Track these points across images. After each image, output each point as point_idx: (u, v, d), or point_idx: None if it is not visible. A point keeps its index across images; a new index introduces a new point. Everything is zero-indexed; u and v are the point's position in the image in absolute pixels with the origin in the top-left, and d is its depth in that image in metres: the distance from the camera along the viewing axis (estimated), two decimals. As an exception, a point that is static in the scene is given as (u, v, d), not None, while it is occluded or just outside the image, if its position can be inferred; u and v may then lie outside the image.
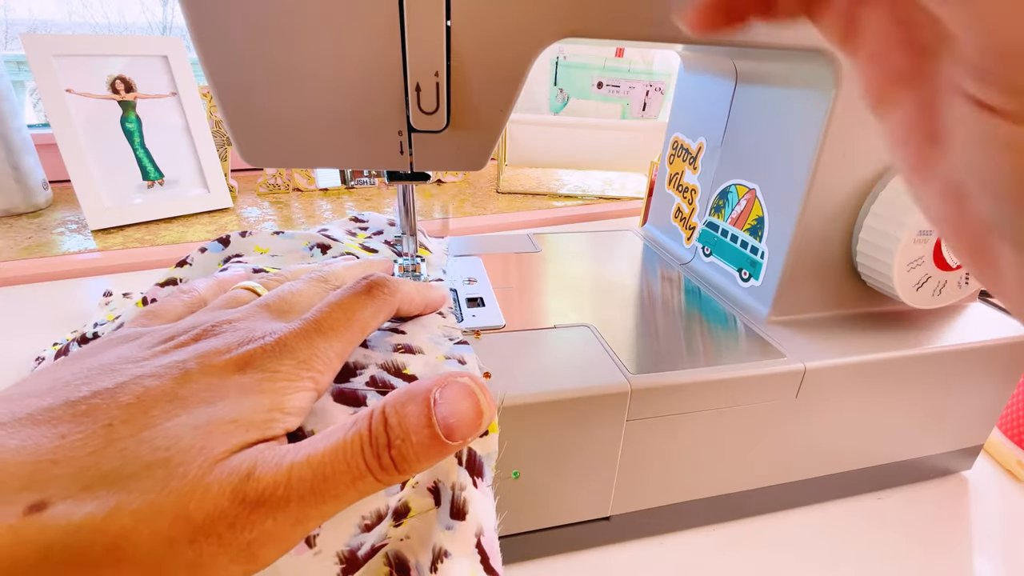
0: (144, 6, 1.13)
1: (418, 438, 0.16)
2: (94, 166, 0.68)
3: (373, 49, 0.22)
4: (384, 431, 0.16)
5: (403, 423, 0.16)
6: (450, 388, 0.17)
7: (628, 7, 0.23)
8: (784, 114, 0.31)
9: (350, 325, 0.21)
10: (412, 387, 0.17)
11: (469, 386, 0.17)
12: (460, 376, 0.17)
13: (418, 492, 0.20)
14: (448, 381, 0.17)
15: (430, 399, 0.16)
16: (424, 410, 0.16)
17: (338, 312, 0.21)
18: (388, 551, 0.19)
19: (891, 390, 0.31)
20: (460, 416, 0.16)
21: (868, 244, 0.30)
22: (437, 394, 0.16)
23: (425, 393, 0.16)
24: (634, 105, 0.99)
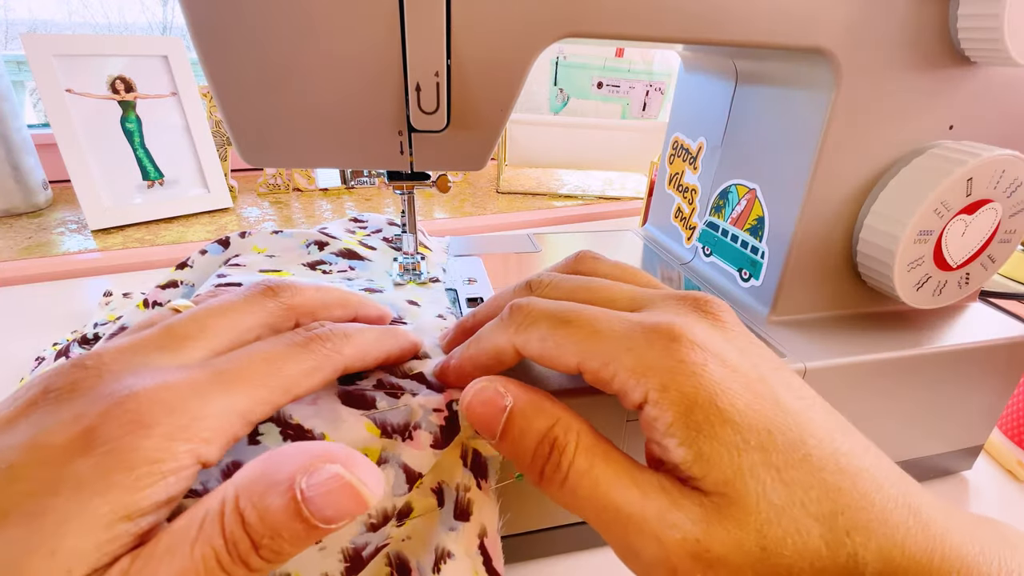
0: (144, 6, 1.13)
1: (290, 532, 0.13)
2: (94, 166, 0.68)
3: (373, 49, 0.22)
4: (244, 533, 0.13)
5: (267, 519, 0.13)
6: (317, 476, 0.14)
7: (628, 7, 0.23)
8: (784, 114, 0.31)
9: (268, 381, 0.17)
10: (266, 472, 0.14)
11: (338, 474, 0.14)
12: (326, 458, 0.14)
13: (422, 493, 0.20)
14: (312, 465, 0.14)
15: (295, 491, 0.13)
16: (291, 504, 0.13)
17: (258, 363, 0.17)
18: (390, 551, 0.19)
19: (891, 390, 0.31)
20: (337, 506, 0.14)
21: (868, 244, 0.30)
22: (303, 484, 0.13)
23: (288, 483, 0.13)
24: (634, 105, 0.99)
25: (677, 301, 0.18)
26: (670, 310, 0.18)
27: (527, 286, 0.21)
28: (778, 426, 0.15)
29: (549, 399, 0.18)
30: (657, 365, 0.16)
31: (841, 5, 0.25)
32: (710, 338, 0.17)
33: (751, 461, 0.15)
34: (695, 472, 0.15)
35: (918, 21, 0.27)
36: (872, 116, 0.29)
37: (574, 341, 0.17)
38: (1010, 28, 0.25)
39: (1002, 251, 0.31)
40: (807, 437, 0.15)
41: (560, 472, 0.16)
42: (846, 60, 0.27)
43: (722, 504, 0.15)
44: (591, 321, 0.17)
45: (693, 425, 0.15)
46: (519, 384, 0.18)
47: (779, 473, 0.15)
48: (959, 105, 0.30)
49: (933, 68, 0.28)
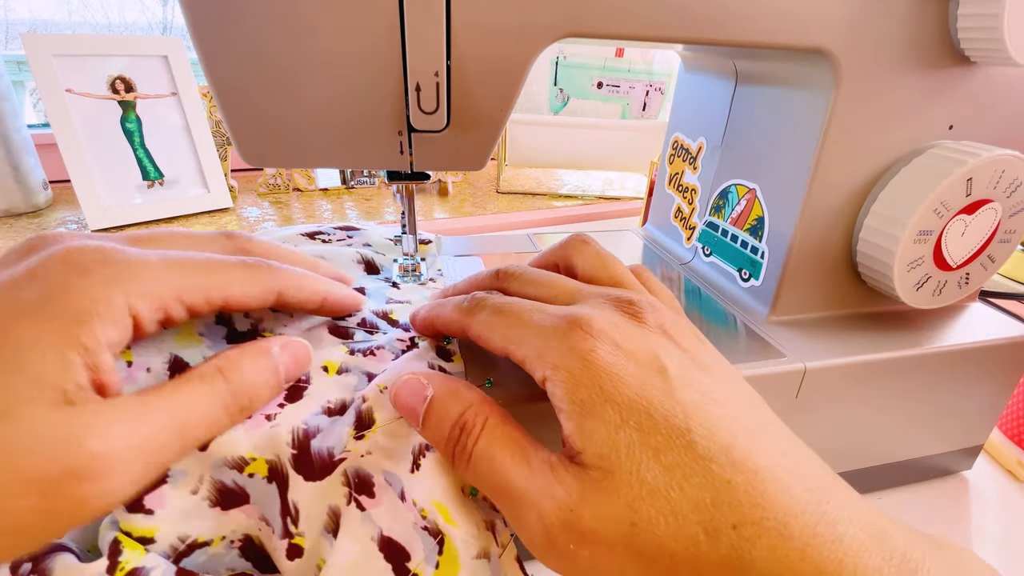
0: (144, 6, 1.13)
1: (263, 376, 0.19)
2: (94, 166, 0.68)
3: (373, 49, 0.22)
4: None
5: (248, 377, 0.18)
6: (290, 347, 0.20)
7: (628, 7, 0.23)
8: (784, 114, 0.31)
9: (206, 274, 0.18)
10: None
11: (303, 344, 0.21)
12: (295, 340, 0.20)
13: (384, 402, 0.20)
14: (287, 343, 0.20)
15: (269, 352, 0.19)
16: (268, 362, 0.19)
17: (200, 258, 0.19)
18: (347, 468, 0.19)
19: (891, 390, 0.31)
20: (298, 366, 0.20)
21: (868, 244, 0.30)
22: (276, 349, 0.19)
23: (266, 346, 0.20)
24: (634, 105, 0.99)
25: (604, 299, 0.20)
26: (590, 304, 0.20)
27: (496, 274, 0.24)
28: (662, 412, 0.16)
29: (467, 387, 0.20)
30: (554, 348, 0.18)
31: (841, 5, 0.25)
32: (610, 328, 0.18)
33: (628, 439, 0.16)
34: (576, 444, 0.16)
35: (918, 21, 0.27)
36: (872, 116, 0.29)
37: (502, 327, 0.20)
38: (1010, 28, 0.25)
39: (1002, 251, 0.31)
40: (695, 426, 0.16)
41: (465, 452, 0.18)
42: (846, 60, 0.27)
43: (597, 477, 0.16)
44: (518, 313, 0.20)
45: (577, 401, 0.17)
46: (441, 376, 0.20)
47: (657, 455, 0.15)
48: (959, 105, 0.30)
49: (933, 68, 0.28)
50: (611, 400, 0.16)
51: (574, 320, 0.18)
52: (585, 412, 0.16)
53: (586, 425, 0.16)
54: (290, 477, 0.18)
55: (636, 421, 0.16)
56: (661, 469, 0.15)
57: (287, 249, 0.24)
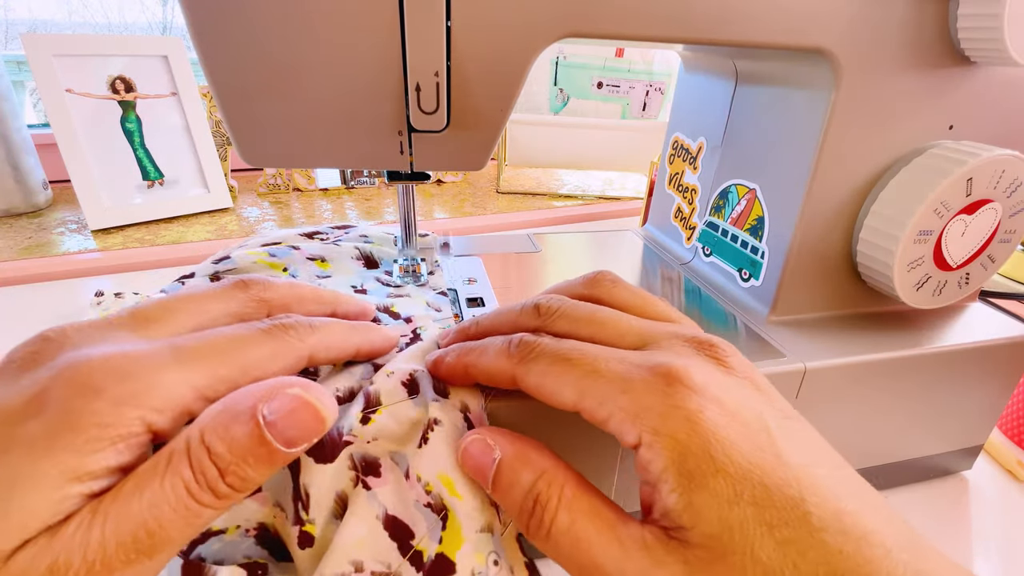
0: (144, 6, 1.13)
1: (256, 457, 0.14)
2: (94, 166, 0.68)
3: (373, 49, 0.22)
4: (212, 463, 0.14)
5: (232, 447, 0.14)
6: (279, 401, 0.15)
7: (628, 7, 0.23)
8: (784, 114, 0.31)
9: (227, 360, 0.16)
10: (228, 407, 0.15)
11: (298, 395, 0.15)
12: (286, 387, 0.15)
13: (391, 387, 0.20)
14: (272, 393, 0.15)
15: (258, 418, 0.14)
16: (254, 429, 0.14)
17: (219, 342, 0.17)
18: (353, 453, 0.19)
19: (891, 390, 0.31)
20: (299, 426, 0.15)
21: (868, 244, 0.30)
22: (265, 411, 0.14)
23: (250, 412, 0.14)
24: (634, 105, 0.99)
25: (684, 342, 0.18)
26: (673, 351, 0.18)
27: (535, 309, 0.21)
28: (776, 481, 0.15)
29: (536, 449, 0.18)
30: (652, 408, 0.16)
31: (841, 5, 0.25)
32: (710, 382, 0.16)
33: (743, 516, 0.14)
34: (684, 522, 0.15)
35: (918, 21, 0.27)
36: (872, 116, 0.29)
37: (572, 379, 0.17)
38: (1010, 28, 0.25)
39: (1002, 251, 0.31)
40: (808, 495, 0.14)
41: (543, 527, 0.16)
42: (846, 60, 0.27)
43: (707, 559, 0.14)
44: (591, 360, 0.17)
45: (685, 472, 0.15)
46: (508, 435, 0.18)
47: (772, 531, 0.14)
48: (959, 105, 0.30)
49: (933, 68, 0.28)
50: (723, 470, 0.15)
51: (669, 373, 0.16)
52: (695, 484, 0.15)
53: (696, 500, 0.14)
54: (302, 459, 0.18)
55: (751, 494, 0.14)
56: (775, 545, 0.14)
57: (307, 288, 0.22)
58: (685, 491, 0.15)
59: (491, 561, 0.18)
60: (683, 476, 0.15)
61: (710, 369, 0.17)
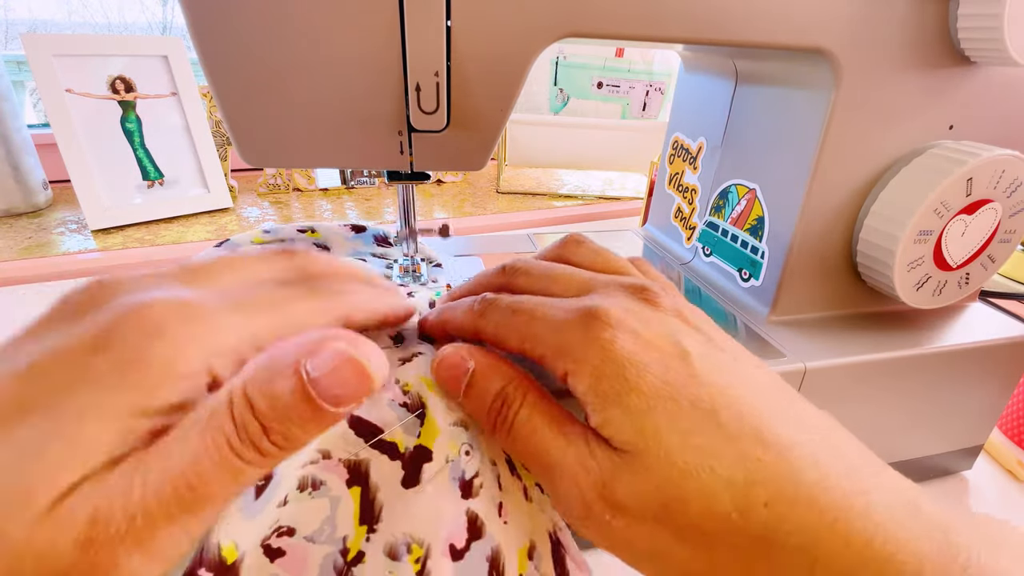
0: (144, 6, 1.13)
1: (299, 415, 0.13)
2: (94, 166, 0.68)
3: (373, 49, 0.22)
4: (254, 418, 0.13)
5: (276, 404, 0.13)
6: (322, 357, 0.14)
7: (628, 7, 0.23)
8: (784, 114, 0.31)
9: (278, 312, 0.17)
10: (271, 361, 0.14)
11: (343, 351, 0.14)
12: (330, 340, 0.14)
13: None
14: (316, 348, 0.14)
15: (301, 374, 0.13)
16: (297, 385, 0.13)
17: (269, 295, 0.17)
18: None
19: (891, 390, 0.31)
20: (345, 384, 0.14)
21: (868, 244, 0.30)
22: (309, 366, 0.13)
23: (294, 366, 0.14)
24: (634, 105, 0.99)
25: (618, 287, 0.20)
26: (607, 294, 0.20)
27: (502, 269, 0.23)
28: (688, 397, 0.16)
29: (506, 363, 0.20)
30: (574, 342, 0.18)
31: (841, 5, 0.25)
32: (628, 317, 0.18)
33: (655, 424, 0.16)
34: (605, 434, 0.17)
35: (918, 21, 0.27)
36: (872, 116, 0.29)
37: (517, 326, 0.20)
38: (1010, 28, 0.25)
39: (1002, 251, 0.31)
40: (721, 409, 0.16)
41: (506, 423, 0.18)
42: (846, 60, 0.27)
43: (627, 459, 0.16)
44: (531, 310, 0.20)
45: (601, 394, 0.17)
46: (481, 350, 0.20)
47: (686, 438, 0.16)
48: (959, 105, 0.30)
49: (933, 68, 0.28)
50: (635, 389, 0.16)
51: (591, 312, 0.18)
52: (610, 402, 0.17)
53: (612, 414, 0.16)
54: None
55: (663, 407, 0.16)
56: (691, 450, 0.16)
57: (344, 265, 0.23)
58: (602, 409, 0.17)
59: (463, 451, 0.19)
60: (600, 396, 0.17)
61: (634, 307, 0.19)
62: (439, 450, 0.19)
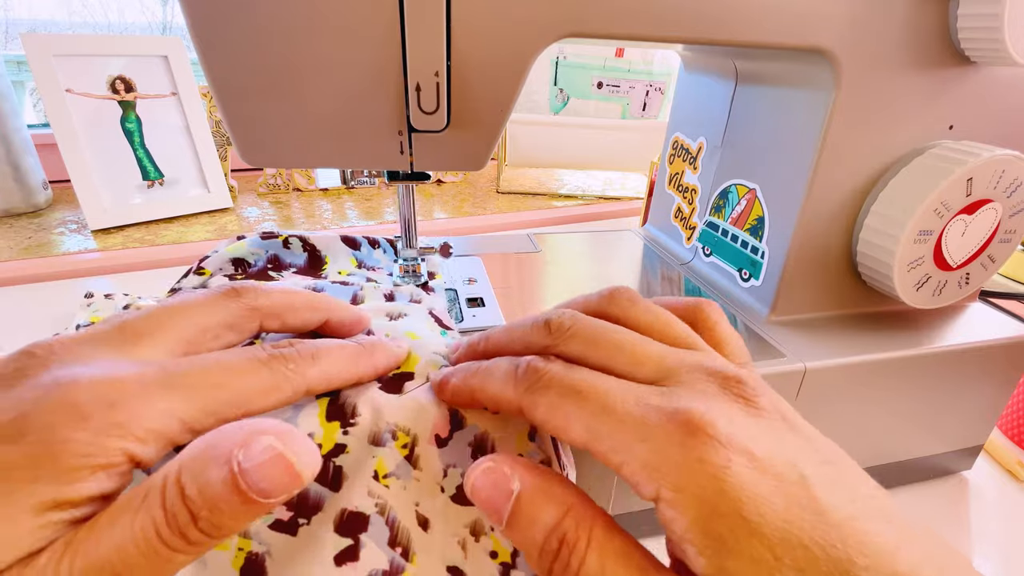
0: (144, 6, 1.13)
1: (229, 505, 0.13)
2: (94, 166, 0.68)
3: (373, 49, 0.22)
4: (184, 505, 0.13)
5: (206, 493, 0.13)
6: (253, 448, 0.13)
7: (628, 7, 0.23)
8: (784, 114, 0.31)
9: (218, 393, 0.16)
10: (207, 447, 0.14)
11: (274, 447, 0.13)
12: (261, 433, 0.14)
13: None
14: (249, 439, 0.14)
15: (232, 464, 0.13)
16: (228, 475, 0.13)
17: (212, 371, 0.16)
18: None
19: (891, 390, 0.31)
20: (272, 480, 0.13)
21: (868, 244, 0.30)
22: (240, 456, 0.13)
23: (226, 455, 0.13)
24: (634, 105, 0.99)
25: (708, 376, 0.17)
26: (696, 388, 0.16)
27: (546, 326, 0.19)
28: (818, 541, 0.13)
29: (561, 483, 0.16)
30: (672, 461, 0.14)
31: (841, 5, 0.25)
32: (738, 430, 0.15)
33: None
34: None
35: (918, 21, 0.27)
36: (872, 116, 0.29)
37: (583, 417, 0.16)
38: (1010, 28, 0.25)
39: (1002, 251, 0.31)
40: (856, 556, 0.13)
41: (570, 571, 0.14)
42: (846, 60, 0.27)
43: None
44: (603, 397, 0.16)
45: (713, 535, 0.13)
46: (528, 465, 0.17)
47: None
48: (959, 105, 0.30)
49: (933, 68, 0.28)
50: (757, 532, 0.13)
51: (691, 421, 0.15)
52: (727, 549, 0.13)
53: (728, 566, 0.13)
54: None
55: (792, 558, 0.13)
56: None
57: (300, 296, 0.21)
58: (715, 555, 0.13)
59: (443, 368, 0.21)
60: (711, 539, 0.13)
61: (737, 412, 0.15)
62: (420, 372, 0.21)
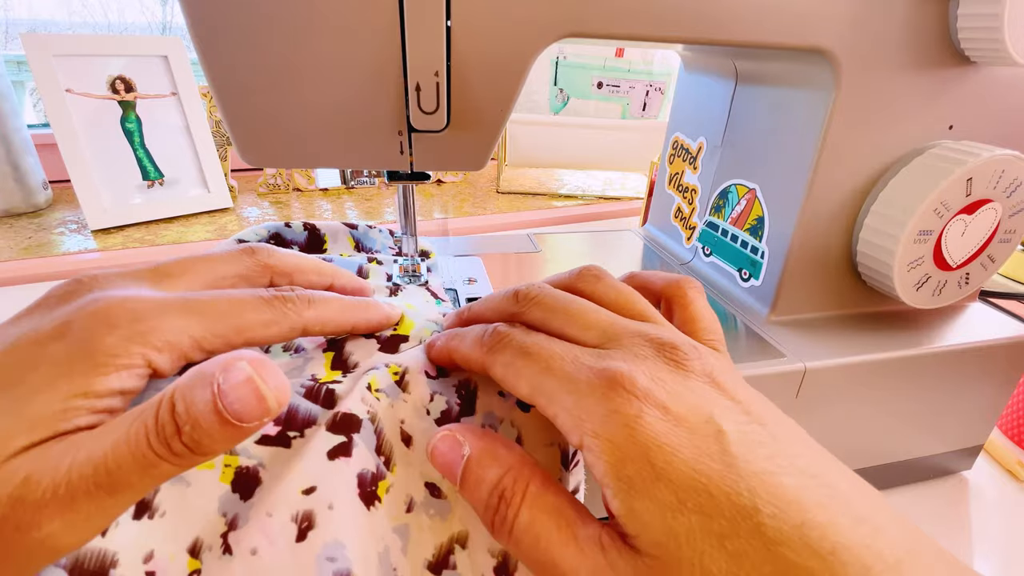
0: (144, 6, 1.13)
1: (208, 424, 0.15)
2: (94, 166, 0.68)
3: (373, 49, 0.22)
4: (171, 418, 0.15)
5: (191, 409, 0.15)
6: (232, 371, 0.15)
7: (628, 7, 0.23)
8: (784, 114, 0.31)
9: (225, 319, 0.18)
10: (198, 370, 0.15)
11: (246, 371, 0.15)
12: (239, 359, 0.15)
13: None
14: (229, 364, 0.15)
15: (213, 386, 0.15)
16: (210, 395, 0.15)
17: (222, 302, 0.19)
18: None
19: (891, 390, 0.31)
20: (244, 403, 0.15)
21: (868, 244, 0.30)
22: (220, 379, 0.15)
23: (211, 376, 0.15)
24: (634, 105, 0.99)
25: (644, 342, 0.18)
26: (631, 351, 0.18)
27: (515, 296, 0.22)
28: (724, 489, 0.14)
29: (505, 445, 0.18)
30: (592, 411, 0.16)
31: (841, 5, 0.25)
32: (657, 387, 0.16)
33: (688, 525, 0.14)
34: (629, 529, 0.15)
35: (918, 21, 0.27)
36: (872, 116, 0.29)
37: (529, 374, 0.18)
38: (1010, 28, 0.25)
39: (1002, 251, 0.31)
40: (763, 505, 0.14)
41: (506, 524, 0.16)
42: (846, 60, 0.27)
43: (655, 567, 0.14)
44: (546, 357, 0.18)
45: (624, 478, 0.15)
46: (478, 432, 0.18)
47: (723, 542, 0.14)
48: (959, 105, 0.30)
49: (933, 68, 0.28)
50: (664, 477, 0.14)
51: (613, 377, 0.16)
52: (635, 491, 0.15)
53: (637, 506, 0.14)
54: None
55: (695, 502, 0.14)
56: (727, 558, 0.13)
57: (309, 260, 0.23)
58: (626, 497, 0.15)
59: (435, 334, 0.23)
60: (623, 482, 0.15)
61: (664, 372, 0.17)
62: (415, 336, 0.23)
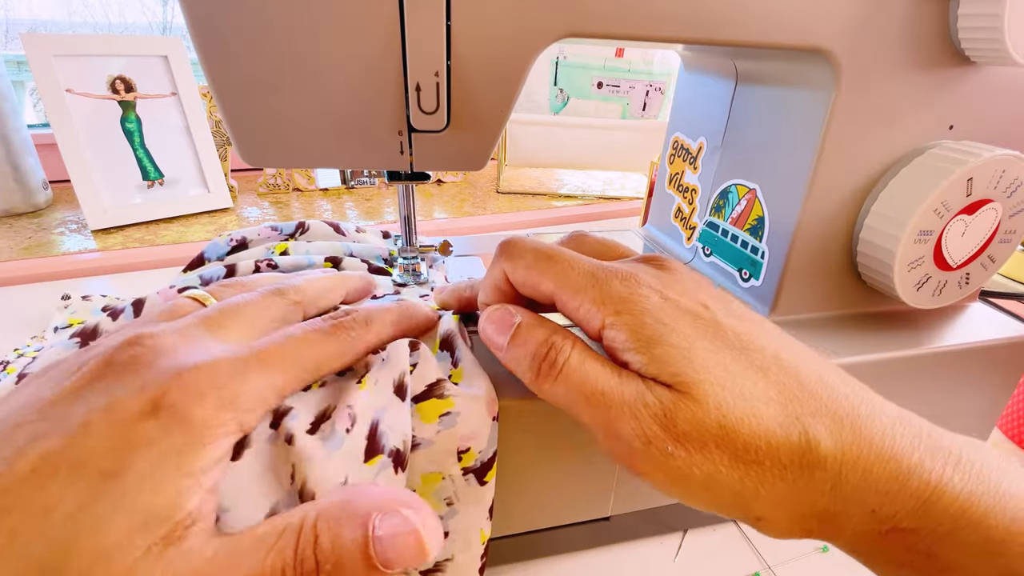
0: (144, 6, 1.13)
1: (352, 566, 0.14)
2: (94, 166, 0.68)
3: (373, 49, 0.22)
4: (313, 553, 0.14)
5: (336, 547, 0.14)
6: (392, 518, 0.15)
7: (628, 7, 0.23)
8: (784, 114, 0.31)
9: (299, 361, 0.19)
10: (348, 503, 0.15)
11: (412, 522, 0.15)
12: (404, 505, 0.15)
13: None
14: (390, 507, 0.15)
15: (369, 526, 0.14)
16: (361, 538, 0.14)
17: (290, 346, 0.19)
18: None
19: (891, 390, 0.31)
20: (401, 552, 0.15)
21: (868, 244, 0.30)
22: (377, 521, 0.14)
23: (364, 517, 0.15)
24: (634, 105, 0.99)
25: (635, 260, 0.22)
26: (628, 263, 0.22)
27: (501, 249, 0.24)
28: (719, 337, 0.19)
29: (550, 321, 0.21)
30: (613, 296, 0.19)
31: (841, 5, 0.25)
32: (654, 280, 0.20)
33: (701, 353, 0.18)
34: (651, 371, 0.18)
35: (918, 21, 0.27)
36: (872, 116, 0.29)
37: (552, 273, 0.20)
38: (1010, 28, 0.25)
39: (1002, 251, 0.31)
40: (747, 345, 0.19)
41: (556, 367, 0.19)
42: (846, 60, 0.27)
43: (682, 389, 0.17)
44: (568, 259, 0.21)
45: (643, 338, 0.18)
46: (525, 309, 0.21)
47: (727, 367, 0.18)
48: (959, 105, 0.30)
49: (933, 68, 0.28)
50: (675, 331, 0.18)
51: (623, 272, 0.20)
52: (653, 343, 0.18)
53: (656, 352, 0.18)
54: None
55: (701, 345, 0.18)
56: (733, 379, 0.17)
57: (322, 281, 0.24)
58: (646, 349, 0.18)
59: None
60: (642, 340, 0.18)
61: (655, 272, 0.21)
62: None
